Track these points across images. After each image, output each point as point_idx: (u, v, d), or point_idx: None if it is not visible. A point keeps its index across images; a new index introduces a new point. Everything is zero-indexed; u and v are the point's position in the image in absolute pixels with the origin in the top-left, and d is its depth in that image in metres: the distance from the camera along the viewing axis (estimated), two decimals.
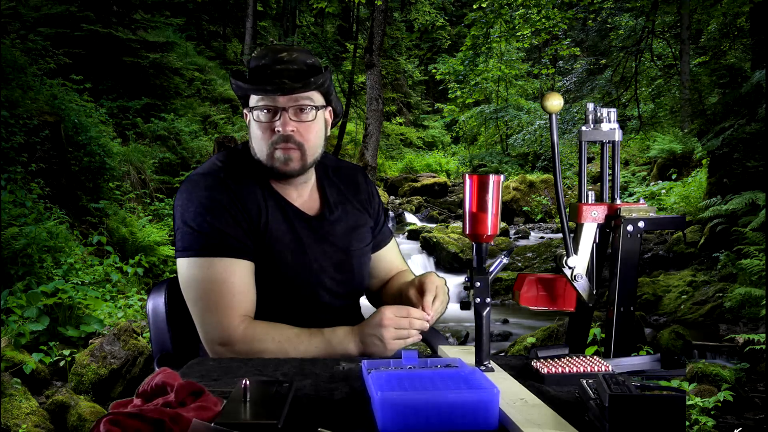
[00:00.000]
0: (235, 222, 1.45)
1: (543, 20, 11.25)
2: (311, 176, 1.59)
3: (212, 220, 1.43)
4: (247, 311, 1.44)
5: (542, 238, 10.15)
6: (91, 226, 6.34)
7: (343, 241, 1.59)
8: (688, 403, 3.36)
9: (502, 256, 1.29)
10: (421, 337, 1.43)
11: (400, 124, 22.16)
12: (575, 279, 1.33)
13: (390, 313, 1.39)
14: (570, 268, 1.32)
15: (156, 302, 1.64)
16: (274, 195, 1.53)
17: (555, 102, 1.27)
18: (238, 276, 1.44)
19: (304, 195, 1.58)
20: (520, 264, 8.49)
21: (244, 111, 1.53)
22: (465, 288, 1.23)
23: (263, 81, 1.45)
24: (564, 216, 1.30)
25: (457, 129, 21.10)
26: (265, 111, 1.47)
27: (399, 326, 1.38)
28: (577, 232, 1.36)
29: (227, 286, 1.42)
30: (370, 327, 1.40)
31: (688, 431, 3.18)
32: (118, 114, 9.27)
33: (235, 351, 1.41)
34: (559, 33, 13.35)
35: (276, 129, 1.46)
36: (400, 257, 1.79)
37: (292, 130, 1.46)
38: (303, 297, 1.52)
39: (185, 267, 1.45)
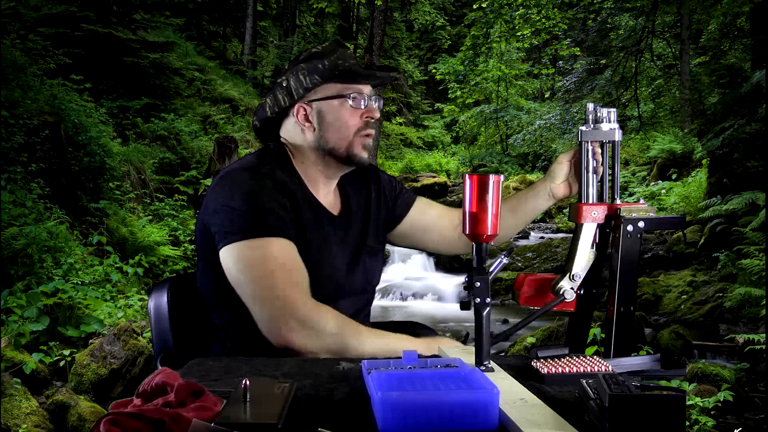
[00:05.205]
0: (281, 207, 1.45)
1: (543, 20, 11.23)
2: None
3: (261, 203, 1.42)
4: (308, 290, 1.42)
5: (542, 238, 10.15)
6: (91, 226, 6.34)
7: (361, 240, 1.62)
8: (688, 403, 3.36)
9: (502, 256, 1.29)
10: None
11: (400, 124, 22.14)
12: (573, 279, 1.33)
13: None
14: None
15: (158, 301, 1.63)
16: (306, 192, 1.54)
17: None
18: (296, 255, 1.42)
19: (330, 193, 1.60)
20: (520, 264, 8.49)
21: (301, 105, 1.53)
22: (465, 288, 1.23)
23: (365, 74, 1.54)
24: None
25: (457, 129, 21.09)
26: (356, 97, 1.53)
27: None
28: (577, 232, 1.36)
29: (291, 262, 1.40)
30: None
31: (688, 431, 3.17)
32: (118, 114, 9.27)
33: (306, 326, 1.36)
34: (559, 33, 13.33)
35: (364, 116, 1.54)
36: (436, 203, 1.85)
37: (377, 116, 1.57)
38: (322, 294, 1.51)
39: (238, 251, 1.40)
